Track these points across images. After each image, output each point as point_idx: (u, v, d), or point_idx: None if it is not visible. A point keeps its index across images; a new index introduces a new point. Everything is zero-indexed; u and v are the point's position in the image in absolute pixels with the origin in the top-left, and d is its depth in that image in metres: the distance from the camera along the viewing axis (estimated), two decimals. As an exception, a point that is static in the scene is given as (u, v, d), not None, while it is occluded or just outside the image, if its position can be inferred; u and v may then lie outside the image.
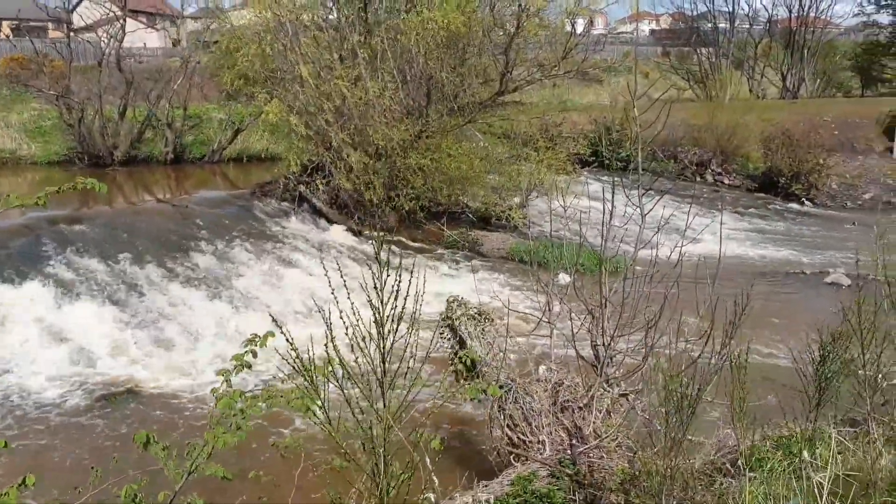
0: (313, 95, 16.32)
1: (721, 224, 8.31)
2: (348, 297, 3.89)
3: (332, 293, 3.87)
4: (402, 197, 16.57)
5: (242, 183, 24.49)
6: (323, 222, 18.16)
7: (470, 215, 18.63)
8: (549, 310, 6.05)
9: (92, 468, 3.77)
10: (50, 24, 41.54)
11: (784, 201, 26.99)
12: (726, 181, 28.77)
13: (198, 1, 30.62)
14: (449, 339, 7.92)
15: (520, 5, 16.11)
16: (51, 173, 29.05)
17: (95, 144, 29.51)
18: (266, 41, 16.48)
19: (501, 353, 6.94)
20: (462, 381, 5.72)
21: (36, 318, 11.74)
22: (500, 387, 6.06)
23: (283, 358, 3.74)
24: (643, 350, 5.44)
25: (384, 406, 3.77)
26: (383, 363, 3.75)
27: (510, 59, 16.73)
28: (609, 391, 5.81)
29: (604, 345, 5.72)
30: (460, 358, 5.89)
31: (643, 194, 5.73)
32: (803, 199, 27.03)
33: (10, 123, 32.93)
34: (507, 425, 6.01)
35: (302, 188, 18.15)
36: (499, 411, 6.16)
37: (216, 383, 3.85)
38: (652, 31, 71.94)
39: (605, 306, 5.77)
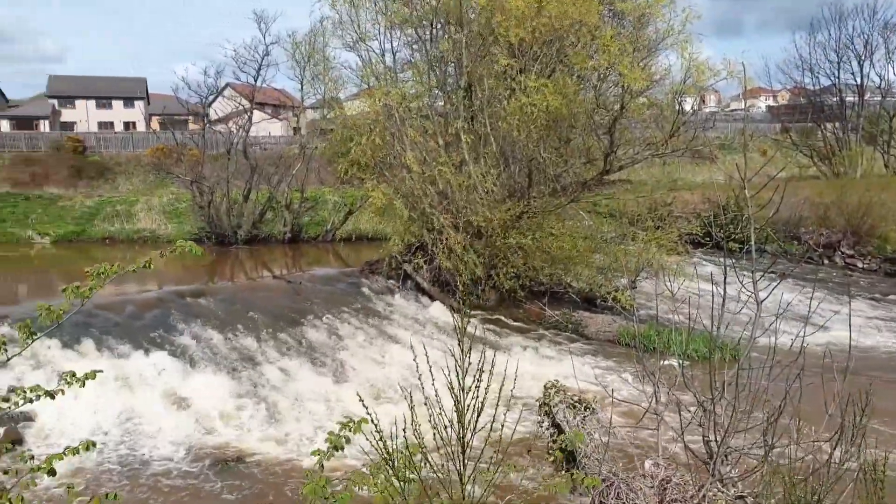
0: (418, 181, 17.00)
1: (851, 311, 7.64)
2: (432, 381, 3.87)
3: (419, 377, 3.87)
4: (502, 276, 16.60)
5: (352, 261, 25.53)
6: (425, 299, 18.48)
7: (573, 295, 18.27)
8: (657, 400, 5.73)
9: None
10: (190, 118, 46.38)
11: (932, 288, 24.45)
12: (860, 264, 26.40)
13: (316, 92, 33.25)
14: (547, 427, 7.64)
15: (623, 86, 16.20)
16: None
17: (222, 224, 32.08)
18: (376, 131, 17.49)
19: (603, 445, 6.59)
20: (561, 473, 5.47)
21: (161, 385, 12.53)
22: (602, 480, 5.73)
23: (371, 445, 3.74)
24: (762, 449, 4.99)
25: (462, 499, 3.66)
26: (463, 453, 3.67)
27: (614, 138, 16.72)
28: (723, 492, 5.34)
29: (717, 440, 5.31)
30: (559, 447, 5.64)
31: (760, 278, 5.41)
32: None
33: (152, 206, 36.57)
34: (611, 523, 5.63)
35: (406, 267, 18.65)
36: (601, 507, 5.80)
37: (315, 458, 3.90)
38: (769, 107, 69.77)
39: (720, 398, 5.39)
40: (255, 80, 34.91)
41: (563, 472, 5.35)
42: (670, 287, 6.32)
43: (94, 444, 3.85)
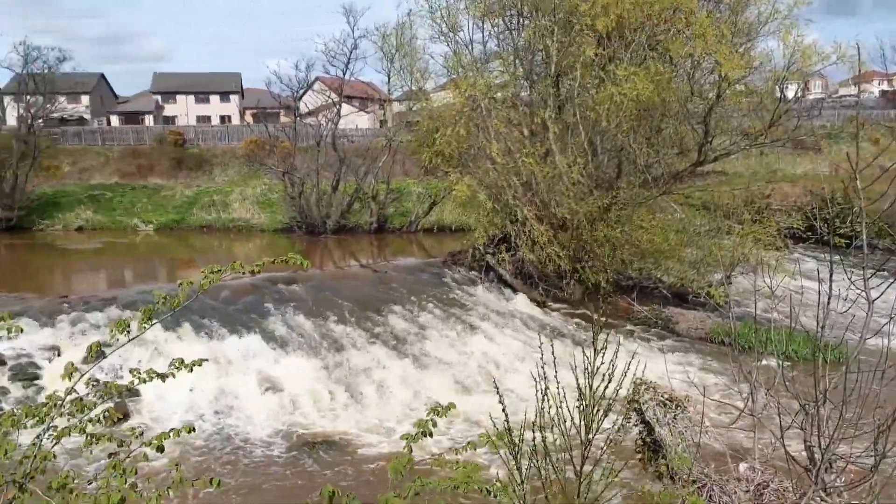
0: (502, 171, 16.89)
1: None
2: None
3: (498, 368, 3.83)
4: (588, 269, 16.27)
5: (435, 251, 25.78)
6: (508, 292, 18.40)
7: (663, 291, 17.65)
8: (753, 401, 5.44)
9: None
10: (281, 112, 48.08)
11: None
12: None
13: (403, 84, 33.69)
14: (635, 424, 7.43)
15: (720, 74, 15.46)
16: (274, 239, 32.88)
17: (312, 214, 33.15)
18: (461, 122, 17.50)
19: (694, 445, 6.34)
20: (648, 469, 5.31)
21: (254, 368, 13.12)
22: (693, 481, 5.52)
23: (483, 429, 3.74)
24: (872, 457, 4.65)
25: (577, 496, 3.61)
26: (584, 450, 3.61)
27: (709, 128, 16.01)
28: (827, 502, 5.02)
29: (821, 447, 4.99)
30: (648, 445, 5.48)
31: (871, 275, 5.02)
32: None
33: (246, 196, 38.23)
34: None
35: (489, 258, 18.62)
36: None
37: (402, 442, 3.96)
38: (883, 93, 64.71)
39: (823, 402, 5.05)
40: (344, 74, 35.75)
41: (651, 471, 5.19)
42: (769, 283, 5.99)
43: (193, 429, 4.08)
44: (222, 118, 64.10)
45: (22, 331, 4.19)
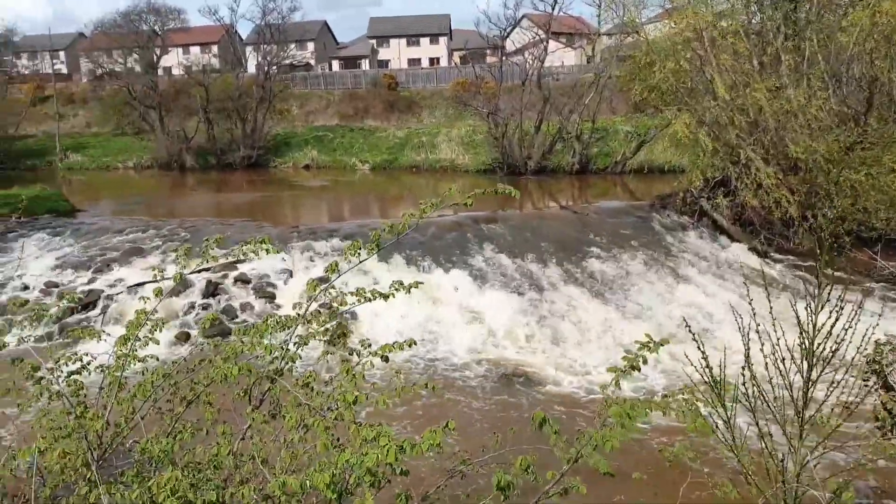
0: (725, 108, 15.40)
1: None
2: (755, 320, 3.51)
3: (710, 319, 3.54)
4: (822, 217, 14.43)
5: (641, 194, 24.63)
6: (723, 239, 17.05)
7: (916, 245, 15.18)
8: None
9: (494, 433, 4.25)
10: (488, 51, 48.30)
11: None
12: None
13: (614, 16, 31.84)
14: (875, 387, 6.57)
15: None
16: (477, 180, 33.68)
17: (514, 155, 33.28)
18: (680, 55, 16.14)
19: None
20: (890, 440, 4.70)
21: (457, 300, 13.78)
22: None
23: (692, 367, 3.56)
24: None
25: (799, 441, 3.30)
26: (805, 393, 3.28)
27: None
28: None
29: None
30: (891, 413, 4.83)
31: None
32: None
33: (451, 138, 39.45)
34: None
35: (703, 202, 17.33)
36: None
37: (601, 383, 3.90)
38: None
39: None
40: (552, 9, 34.71)
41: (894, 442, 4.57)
42: None
43: (414, 342, 4.39)
44: (431, 60, 66.19)
45: (278, 251, 4.78)
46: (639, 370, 3.86)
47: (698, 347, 3.69)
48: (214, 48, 61.09)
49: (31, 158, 43.50)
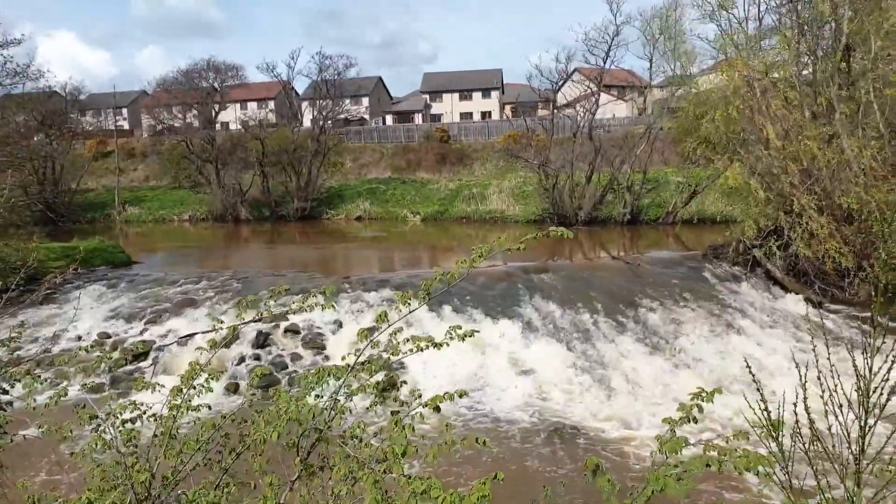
0: (777, 157, 15.29)
1: None
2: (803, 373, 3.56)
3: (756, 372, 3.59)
4: (879, 267, 14.02)
5: (693, 245, 24.32)
6: (776, 290, 16.66)
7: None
8: None
9: (543, 487, 4.29)
10: (540, 104, 49.14)
11: None
12: None
13: (666, 69, 32.10)
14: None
15: None
16: (527, 229, 33.75)
17: (564, 206, 33.45)
18: (732, 104, 16.18)
19: None
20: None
21: (506, 350, 13.81)
22: None
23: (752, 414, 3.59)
24: None
25: (857, 487, 3.31)
26: (863, 439, 3.30)
27: None
28: None
29: None
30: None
31: None
32: None
33: (502, 189, 39.98)
34: None
35: (756, 252, 17.02)
36: None
37: (651, 436, 3.94)
38: None
39: None
40: (604, 62, 35.26)
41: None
42: None
43: (466, 393, 4.44)
44: (483, 114, 67.54)
45: (333, 307, 4.99)
46: (695, 421, 3.89)
47: (757, 389, 3.74)
48: (271, 103, 63.95)
49: (91, 211, 45.76)
